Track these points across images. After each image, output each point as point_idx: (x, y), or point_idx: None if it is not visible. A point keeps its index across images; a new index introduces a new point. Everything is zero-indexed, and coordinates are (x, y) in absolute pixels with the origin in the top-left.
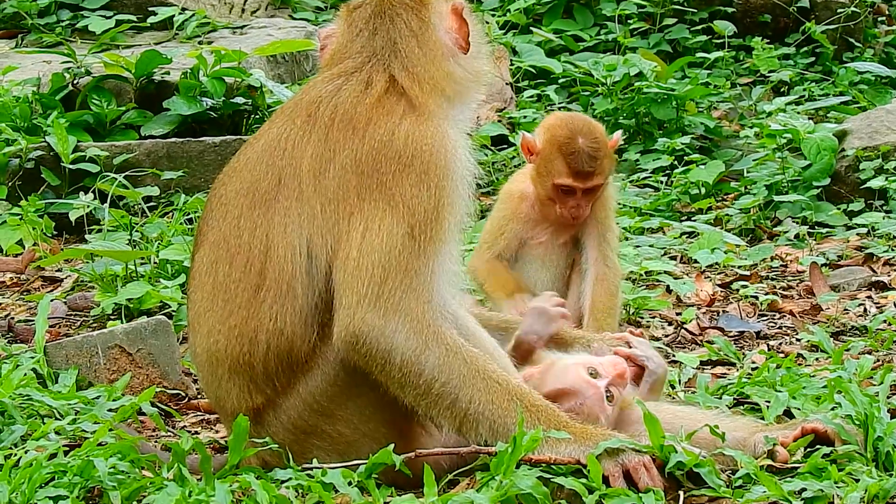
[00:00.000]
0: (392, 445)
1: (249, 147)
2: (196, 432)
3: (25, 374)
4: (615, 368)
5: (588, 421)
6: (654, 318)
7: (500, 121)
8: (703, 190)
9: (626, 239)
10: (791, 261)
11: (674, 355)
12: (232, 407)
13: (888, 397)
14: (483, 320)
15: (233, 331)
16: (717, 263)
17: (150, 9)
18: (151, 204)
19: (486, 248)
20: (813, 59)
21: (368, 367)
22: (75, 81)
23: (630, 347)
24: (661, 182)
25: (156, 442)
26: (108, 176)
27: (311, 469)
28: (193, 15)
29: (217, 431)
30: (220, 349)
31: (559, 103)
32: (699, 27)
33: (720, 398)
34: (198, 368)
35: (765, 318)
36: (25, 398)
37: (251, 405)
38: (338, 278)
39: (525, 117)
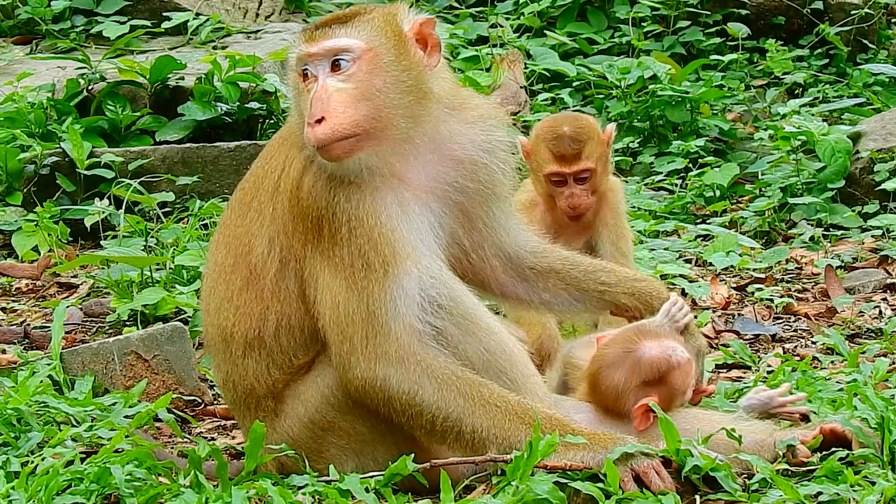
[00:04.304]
0: (412, 455)
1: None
2: (213, 438)
3: (42, 381)
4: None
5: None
6: None
7: (514, 124)
8: (717, 192)
9: (641, 242)
10: (806, 263)
11: None
12: (249, 385)
13: None
14: (586, 273)
15: (239, 308)
16: (732, 266)
17: (165, 14)
18: (167, 209)
19: None
20: (827, 60)
21: (380, 412)
22: (90, 87)
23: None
24: (676, 185)
25: (172, 448)
26: (123, 182)
27: (328, 476)
28: (208, 20)
29: (233, 437)
30: (229, 325)
31: (573, 106)
32: (713, 29)
33: (736, 402)
34: (212, 352)
35: (780, 320)
36: (42, 405)
37: (270, 383)
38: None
39: (539, 121)
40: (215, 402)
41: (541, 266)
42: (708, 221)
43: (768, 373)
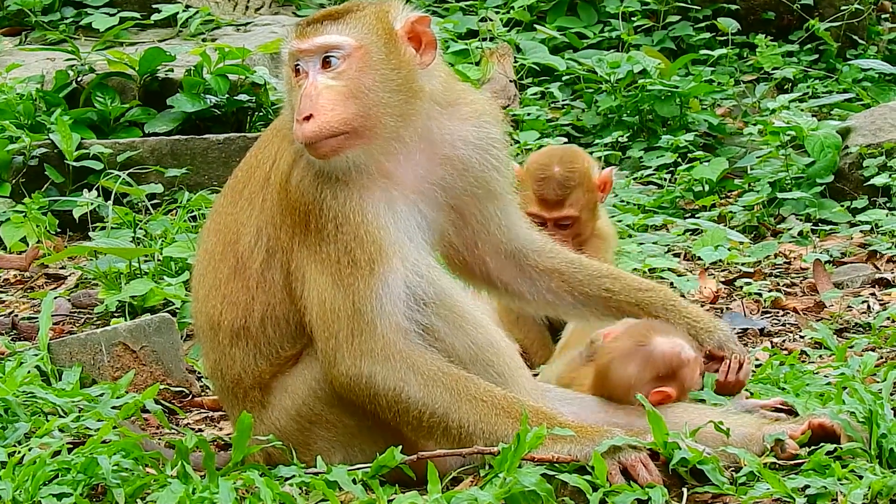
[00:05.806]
0: (400, 447)
1: None
2: (200, 429)
3: (29, 372)
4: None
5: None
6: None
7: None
8: (706, 187)
9: (630, 236)
10: (795, 258)
11: None
12: (237, 375)
13: (892, 395)
14: (591, 278)
15: (226, 297)
16: (720, 260)
17: (154, 6)
18: (155, 201)
19: None
20: (816, 56)
21: (367, 409)
22: (79, 79)
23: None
24: (665, 179)
25: (159, 439)
26: (111, 173)
27: (315, 467)
28: (197, 12)
29: (221, 428)
30: (216, 314)
31: (563, 101)
32: (703, 24)
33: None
34: (201, 339)
35: (768, 315)
36: (29, 396)
37: (257, 374)
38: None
39: (529, 115)
40: (203, 394)
41: (544, 265)
42: (697, 216)
43: (756, 366)
